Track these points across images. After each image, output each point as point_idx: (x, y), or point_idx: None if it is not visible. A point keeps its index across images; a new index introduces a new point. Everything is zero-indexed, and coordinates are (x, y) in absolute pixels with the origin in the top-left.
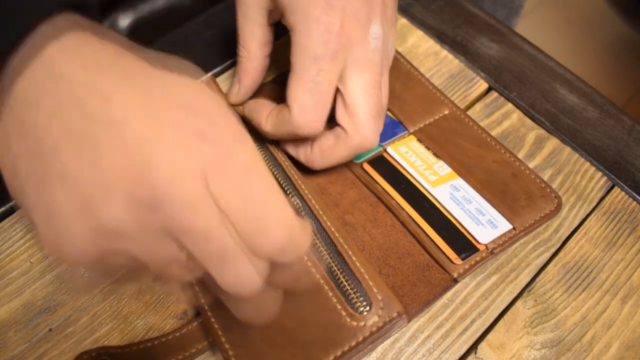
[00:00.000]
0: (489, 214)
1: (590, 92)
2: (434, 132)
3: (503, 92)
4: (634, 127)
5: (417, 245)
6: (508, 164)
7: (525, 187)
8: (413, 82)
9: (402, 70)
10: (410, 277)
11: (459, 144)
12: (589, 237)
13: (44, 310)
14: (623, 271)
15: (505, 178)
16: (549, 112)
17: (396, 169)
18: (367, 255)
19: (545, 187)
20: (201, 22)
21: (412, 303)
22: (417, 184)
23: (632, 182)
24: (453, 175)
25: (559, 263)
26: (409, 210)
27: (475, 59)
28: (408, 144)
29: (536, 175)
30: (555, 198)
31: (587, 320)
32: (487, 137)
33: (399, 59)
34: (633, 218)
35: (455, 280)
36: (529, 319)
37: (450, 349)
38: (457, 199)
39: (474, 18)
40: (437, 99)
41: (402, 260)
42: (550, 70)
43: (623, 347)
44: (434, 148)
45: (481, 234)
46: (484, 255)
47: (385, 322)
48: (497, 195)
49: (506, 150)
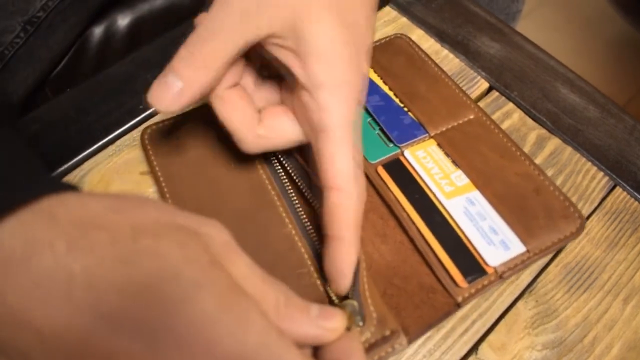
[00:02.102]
0: (503, 233)
1: (592, 91)
2: (455, 137)
3: (504, 91)
4: (635, 126)
5: (424, 265)
6: (531, 177)
7: (546, 205)
8: (439, 84)
9: (429, 72)
10: (414, 298)
11: (481, 151)
12: (591, 238)
13: None
14: (625, 272)
15: (526, 193)
16: (550, 112)
17: (411, 177)
18: (373, 273)
19: (569, 206)
20: None
21: (414, 325)
22: (431, 195)
23: (634, 182)
24: (470, 187)
25: (560, 263)
26: (419, 225)
27: (476, 58)
28: (427, 148)
29: (560, 192)
30: (578, 219)
31: (589, 321)
32: (512, 146)
33: (425, 60)
34: (635, 218)
35: (459, 305)
36: (530, 319)
37: (451, 350)
38: (471, 215)
39: (474, 17)
40: (463, 102)
41: (408, 280)
42: (551, 70)
43: (625, 348)
44: (454, 155)
45: (491, 256)
46: (492, 279)
47: (377, 340)
48: (514, 212)
49: (531, 162)
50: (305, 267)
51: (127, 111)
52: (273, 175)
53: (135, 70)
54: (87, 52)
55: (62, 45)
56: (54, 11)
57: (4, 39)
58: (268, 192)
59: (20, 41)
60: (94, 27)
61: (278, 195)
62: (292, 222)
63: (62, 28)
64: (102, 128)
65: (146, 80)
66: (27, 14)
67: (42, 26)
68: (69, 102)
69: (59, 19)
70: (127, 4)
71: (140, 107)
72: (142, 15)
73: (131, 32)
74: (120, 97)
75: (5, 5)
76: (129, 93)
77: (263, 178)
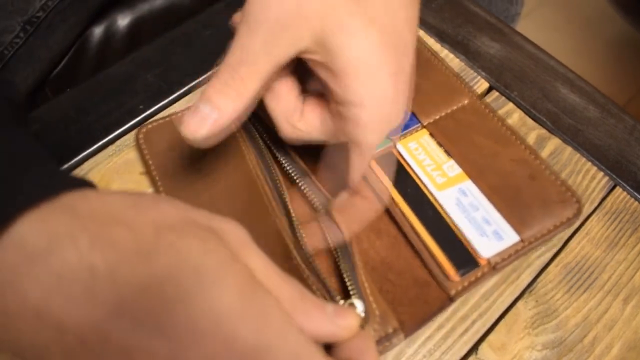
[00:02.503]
0: (496, 223)
1: (592, 91)
2: (449, 125)
3: (504, 91)
4: (635, 126)
5: (418, 260)
6: (527, 162)
7: (541, 192)
8: (433, 70)
9: (421, 57)
10: (409, 293)
11: (474, 139)
12: (591, 238)
13: None
14: (625, 272)
15: (520, 180)
16: (550, 112)
17: (403, 170)
18: (369, 269)
19: (565, 191)
20: (200, 22)
21: (409, 321)
22: (423, 188)
23: (633, 182)
24: (462, 177)
25: (560, 263)
26: (412, 219)
27: (476, 58)
28: (419, 139)
29: (557, 177)
30: (576, 203)
31: (589, 321)
32: (507, 130)
33: (419, 45)
34: (635, 218)
35: (451, 299)
36: (530, 319)
37: (451, 349)
38: (463, 206)
39: (474, 17)
40: (457, 87)
41: (402, 275)
42: (551, 70)
43: (625, 347)
44: (446, 145)
45: (484, 247)
46: (485, 271)
47: (380, 337)
48: (508, 201)
49: (527, 146)
50: (295, 260)
51: (127, 111)
52: (266, 169)
53: (135, 70)
54: (87, 52)
55: (62, 45)
56: (54, 11)
57: (3, 39)
58: (260, 188)
59: (20, 41)
60: (94, 27)
61: (270, 190)
62: (281, 216)
63: (62, 28)
64: (102, 128)
65: (146, 80)
66: (26, 14)
67: (41, 26)
68: (69, 102)
69: (59, 19)
70: (127, 4)
71: (141, 107)
72: (142, 15)
73: (131, 32)
74: (120, 97)
75: (4, 5)
76: (129, 93)
77: (255, 173)
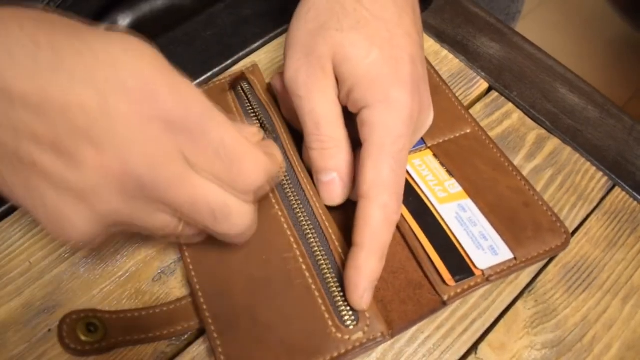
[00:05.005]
0: (492, 239)
1: (591, 91)
2: (451, 149)
3: (503, 91)
4: (634, 126)
5: (413, 261)
6: (522, 192)
7: (534, 218)
8: (440, 95)
9: (431, 82)
10: (401, 293)
11: (475, 164)
12: (590, 237)
13: (43, 310)
14: (624, 271)
15: (516, 206)
16: (550, 112)
17: (406, 182)
18: None
19: (555, 222)
20: (201, 22)
21: (398, 320)
22: (425, 198)
23: (632, 182)
24: (462, 195)
25: (559, 263)
26: (411, 222)
27: (476, 58)
28: (423, 157)
29: (549, 208)
30: (564, 234)
31: (588, 320)
32: (505, 161)
33: (429, 69)
34: (634, 218)
35: (445, 303)
36: (529, 319)
37: (451, 349)
38: (462, 220)
39: (474, 17)
40: (461, 116)
41: (396, 275)
42: (550, 70)
43: (624, 347)
44: (449, 165)
45: (480, 259)
46: (478, 281)
47: (368, 340)
48: (504, 222)
49: (522, 178)
50: (292, 252)
51: None
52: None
53: None
54: None
55: None
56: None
57: None
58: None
59: None
60: None
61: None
62: (280, 204)
63: None
64: None
65: None
66: None
67: None
68: None
69: None
70: (128, 4)
71: None
72: (142, 15)
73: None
74: None
75: None
76: None
77: None
